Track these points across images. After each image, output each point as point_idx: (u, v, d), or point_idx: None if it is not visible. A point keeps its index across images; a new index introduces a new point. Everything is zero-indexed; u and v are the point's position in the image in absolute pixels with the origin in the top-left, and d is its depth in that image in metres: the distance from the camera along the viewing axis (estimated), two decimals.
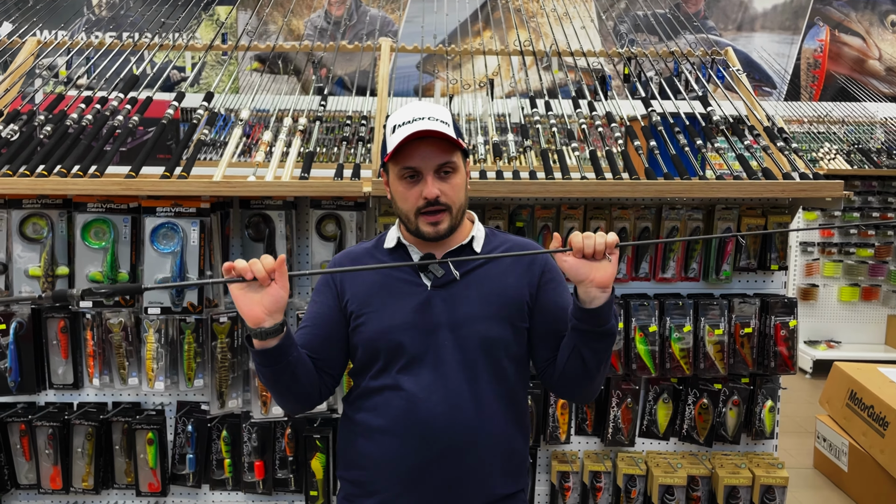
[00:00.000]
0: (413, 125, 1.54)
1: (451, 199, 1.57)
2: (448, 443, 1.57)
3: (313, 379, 1.63)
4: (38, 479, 2.31)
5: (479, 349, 1.59)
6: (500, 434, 1.62)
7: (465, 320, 1.58)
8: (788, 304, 2.34)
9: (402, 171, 1.57)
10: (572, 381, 1.63)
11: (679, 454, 2.43)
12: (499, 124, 4.37)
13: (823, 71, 8.14)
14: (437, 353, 1.58)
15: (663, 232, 2.36)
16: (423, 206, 1.56)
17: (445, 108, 1.63)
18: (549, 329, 1.63)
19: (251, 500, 2.39)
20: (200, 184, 2.10)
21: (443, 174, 1.57)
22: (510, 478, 1.67)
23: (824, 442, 4.00)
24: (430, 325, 1.59)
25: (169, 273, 2.17)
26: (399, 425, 1.58)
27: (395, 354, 1.59)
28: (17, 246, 2.20)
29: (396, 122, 1.59)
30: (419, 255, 1.64)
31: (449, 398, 1.56)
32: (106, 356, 2.28)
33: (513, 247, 1.71)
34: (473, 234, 1.68)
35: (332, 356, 1.67)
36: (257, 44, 2.90)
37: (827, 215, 5.93)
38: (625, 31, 3.18)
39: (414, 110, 1.58)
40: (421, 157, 1.55)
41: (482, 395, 1.59)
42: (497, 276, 1.64)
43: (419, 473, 1.58)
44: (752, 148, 2.36)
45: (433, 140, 1.55)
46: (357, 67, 2.93)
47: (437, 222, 1.57)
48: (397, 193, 1.61)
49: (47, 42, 2.81)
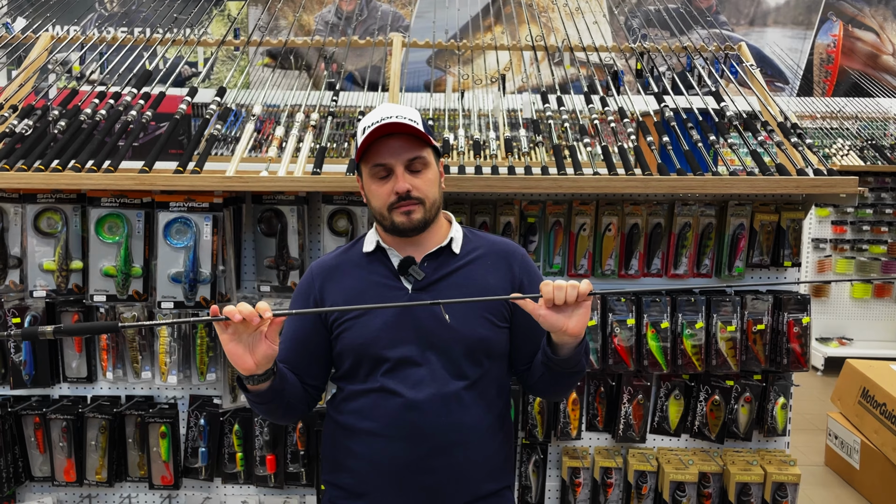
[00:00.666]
0: (380, 123, 1.55)
1: (424, 192, 1.58)
2: (435, 443, 1.58)
3: (302, 397, 1.66)
4: (53, 472, 2.33)
5: (463, 350, 1.60)
6: (485, 433, 1.64)
7: (447, 322, 1.55)
8: (802, 301, 2.33)
9: (373, 170, 1.58)
10: (541, 393, 1.75)
11: (690, 451, 2.43)
12: (510, 120, 4.37)
13: (836, 66, 8.07)
14: (421, 355, 1.59)
15: (676, 227, 2.35)
16: (395, 201, 1.56)
17: (414, 109, 1.64)
18: (528, 336, 1.64)
19: (263, 494, 2.41)
20: (213, 179, 2.11)
21: (413, 169, 1.58)
22: (496, 475, 1.68)
23: (836, 439, 3.98)
24: (412, 329, 1.59)
25: (182, 267, 2.18)
26: (386, 427, 1.59)
27: (378, 359, 1.60)
28: (31, 240, 2.22)
29: (365, 124, 1.59)
30: (398, 258, 1.64)
31: (434, 399, 1.57)
32: (119, 350, 2.30)
33: (491, 247, 1.71)
34: (452, 236, 1.67)
35: (315, 369, 1.69)
36: (269, 39, 2.90)
37: (840, 211, 5.89)
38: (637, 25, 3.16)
39: (382, 111, 1.59)
40: (390, 153, 1.56)
41: (467, 396, 1.60)
42: (478, 276, 1.64)
43: (407, 474, 1.59)
44: (765, 144, 2.34)
45: (402, 136, 1.56)
46: (368, 63, 2.94)
47: (410, 212, 1.57)
48: (370, 192, 1.61)
49: (61, 37, 2.83)
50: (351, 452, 1.64)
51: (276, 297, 2.30)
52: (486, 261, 1.67)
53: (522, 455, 2.41)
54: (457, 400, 1.58)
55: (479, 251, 1.69)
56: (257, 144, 4.82)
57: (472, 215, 2.35)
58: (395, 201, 1.56)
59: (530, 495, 2.41)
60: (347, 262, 1.69)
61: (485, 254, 1.68)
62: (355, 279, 1.65)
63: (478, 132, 2.84)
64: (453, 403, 1.58)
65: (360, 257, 1.68)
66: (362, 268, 1.67)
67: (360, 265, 1.67)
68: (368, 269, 1.66)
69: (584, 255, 2.37)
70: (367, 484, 1.62)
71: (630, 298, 2.31)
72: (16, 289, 2.25)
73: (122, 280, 2.20)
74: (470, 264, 1.66)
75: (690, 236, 2.35)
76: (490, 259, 1.68)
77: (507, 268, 1.67)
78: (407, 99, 2.81)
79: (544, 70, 2.79)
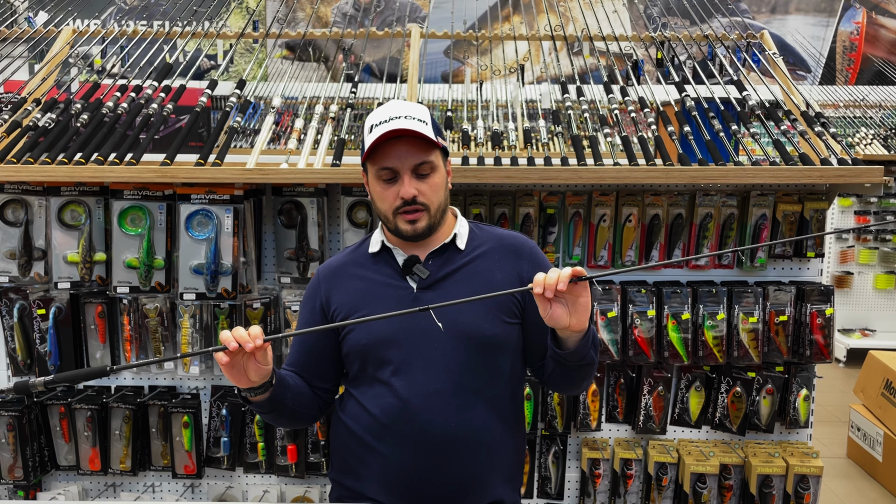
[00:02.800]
0: (388, 124, 1.51)
1: (430, 198, 1.55)
2: (443, 447, 1.55)
3: (311, 403, 1.65)
4: (78, 461, 2.37)
5: (472, 349, 1.56)
6: (496, 437, 1.61)
7: (454, 320, 1.54)
8: (825, 292, 2.30)
9: (379, 172, 1.55)
10: (558, 387, 1.70)
11: (711, 442, 2.41)
12: (529, 110, 4.35)
13: (860, 54, 7.95)
14: (429, 355, 1.55)
15: (697, 218, 2.33)
16: (401, 206, 1.54)
17: (424, 107, 1.60)
18: (542, 331, 1.60)
19: (284, 483, 2.43)
20: (234, 171, 2.12)
21: (420, 174, 1.54)
22: (507, 482, 1.65)
23: (858, 431, 3.94)
24: (419, 328, 1.55)
25: (203, 259, 2.20)
26: (393, 431, 1.56)
27: (385, 360, 1.57)
28: (56, 232, 2.24)
29: (374, 121, 1.56)
30: (403, 257, 1.62)
31: (443, 402, 1.54)
32: (142, 341, 2.32)
33: (499, 242, 1.68)
34: (456, 232, 1.64)
35: (325, 371, 1.68)
36: (288, 31, 2.91)
37: (863, 201, 5.81)
38: (656, 14, 3.12)
39: (391, 109, 1.55)
40: (397, 157, 1.53)
41: (477, 398, 1.57)
42: (485, 272, 1.61)
43: (414, 480, 1.56)
44: (788, 133, 2.31)
45: (410, 139, 1.52)
46: (387, 54, 2.93)
47: (414, 220, 1.55)
48: (375, 193, 1.59)
49: (82, 31, 2.85)
50: (357, 456, 1.62)
51: (295, 289, 2.32)
52: (493, 256, 1.64)
53: (542, 446, 2.41)
54: (466, 403, 1.55)
55: (486, 246, 1.66)
56: (276, 136, 4.84)
57: (491, 206, 2.35)
58: (399, 206, 1.54)
59: (550, 486, 2.41)
60: (353, 264, 1.68)
61: (492, 248, 1.65)
62: (361, 280, 1.64)
63: (496, 123, 2.83)
64: (463, 407, 1.55)
65: (365, 258, 1.67)
66: (367, 268, 1.65)
67: (366, 266, 1.66)
68: (374, 270, 1.65)
69: (605, 247, 2.36)
70: (374, 489, 1.60)
71: (651, 290, 2.30)
72: (41, 281, 2.28)
73: (144, 272, 2.22)
74: (476, 260, 1.63)
75: (712, 227, 2.33)
76: (497, 254, 1.65)
77: (515, 262, 1.64)
78: (425, 90, 2.81)
79: (563, 60, 2.77)
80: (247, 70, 2.65)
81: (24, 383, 1.25)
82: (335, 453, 1.72)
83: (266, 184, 2.32)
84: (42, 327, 2.30)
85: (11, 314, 2.31)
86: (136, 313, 2.30)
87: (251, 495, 2.43)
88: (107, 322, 2.33)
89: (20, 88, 2.56)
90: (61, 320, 2.30)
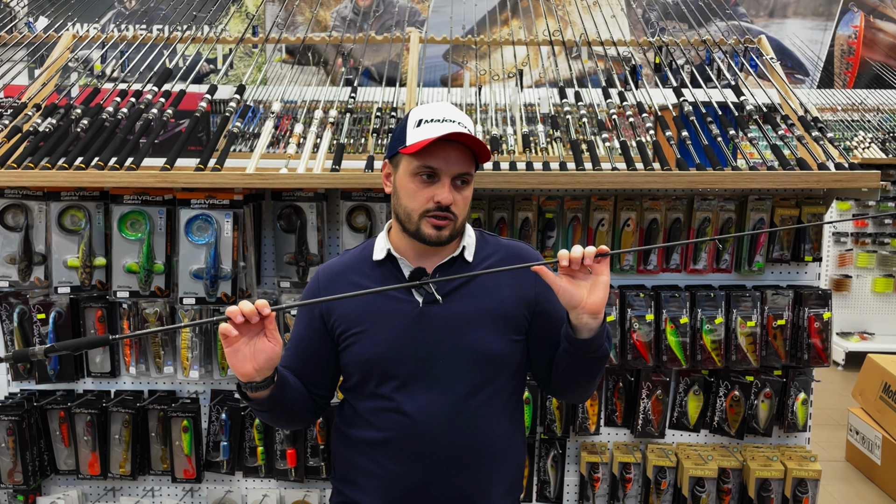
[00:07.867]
0: (444, 126, 1.48)
1: (460, 210, 1.53)
2: (446, 462, 1.54)
3: (307, 405, 1.62)
4: (77, 465, 2.37)
5: (477, 365, 1.54)
6: (498, 451, 1.60)
7: (460, 336, 1.53)
8: (823, 296, 2.31)
9: (419, 168, 1.50)
10: (565, 392, 1.65)
11: (710, 446, 2.42)
12: (527, 114, 4.36)
13: (858, 58, 7.97)
14: (433, 370, 1.53)
15: (695, 222, 2.34)
16: (432, 210, 1.50)
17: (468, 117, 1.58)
18: (551, 341, 1.59)
19: (283, 487, 2.43)
20: (234, 176, 2.13)
21: (459, 183, 1.52)
22: (508, 495, 1.65)
23: (857, 435, 3.95)
24: (424, 343, 1.53)
25: (203, 264, 2.21)
26: (396, 445, 1.55)
27: (388, 374, 1.54)
28: (56, 237, 2.25)
29: (423, 116, 1.52)
30: (409, 269, 1.57)
31: (446, 417, 1.53)
32: (142, 345, 2.33)
33: (506, 254, 1.64)
34: (464, 244, 1.60)
35: (320, 377, 1.65)
36: (287, 36, 2.91)
37: (861, 205, 5.83)
38: (654, 18, 3.13)
39: (444, 110, 1.52)
40: (444, 160, 1.49)
41: (480, 413, 1.55)
42: (491, 288, 1.58)
43: (415, 495, 1.55)
44: (785, 137, 2.32)
45: (459, 146, 1.50)
46: (386, 58, 2.94)
47: (441, 227, 1.50)
48: (405, 189, 1.53)
49: (82, 36, 2.86)
50: (359, 468, 1.60)
51: (295, 293, 2.32)
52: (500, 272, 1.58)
53: (541, 450, 2.41)
54: (469, 418, 1.54)
55: (494, 258, 1.62)
56: (275, 141, 4.84)
57: (489, 211, 2.36)
58: (431, 209, 1.49)
59: (549, 490, 2.42)
60: (355, 270, 1.62)
61: (500, 261, 1.62)
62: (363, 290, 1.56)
63: (495, 127, 2.84)
64: (466, 422, 1.54)
65: (369, 265, 1.61)
66: (371, 278, 1.59)
67: (369, 275, 1.60)
68: (377, 281, 1.58)
69: None
70: (376, 502, 1.59)
71: (649, 294, 2.30)
72: (41, 285, 2.28)
73: (144, 276, 2.23)
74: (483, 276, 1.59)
75: (710, 231, 2.34)
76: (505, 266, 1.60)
77: (521, 279, 1.61)
78: (424, 94, 2.82)
79: (561, 64, 2.78)
80: (246, 74, 2.66)
81: (23, 352, 1.25)
82: (336, 462, 1.70)
83: (266, 188, 2.32)
84: (42, 332, 2.30)
85: (11, 318, 2.31)
86: (136, 318, 2.30)
87: (251, 499, 2.44)
88: (107, 326, 2.33)
89: (20, 93, 2.57)
90: (61, 325, 2.31)
